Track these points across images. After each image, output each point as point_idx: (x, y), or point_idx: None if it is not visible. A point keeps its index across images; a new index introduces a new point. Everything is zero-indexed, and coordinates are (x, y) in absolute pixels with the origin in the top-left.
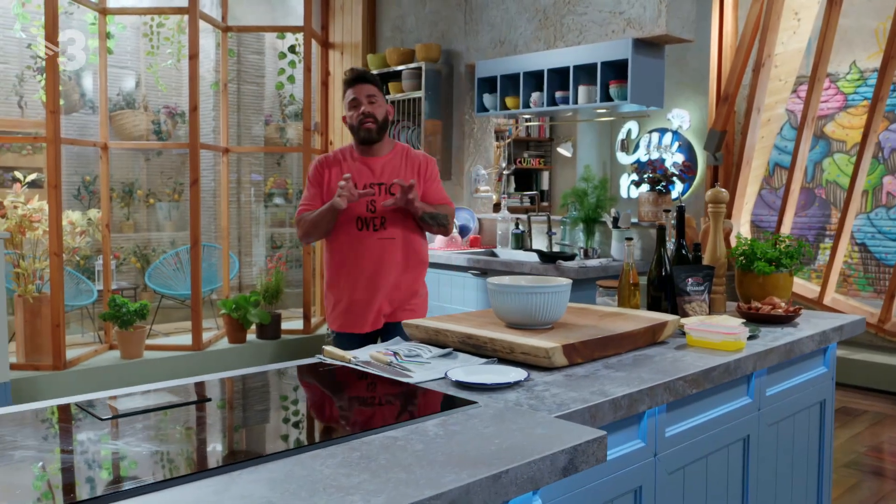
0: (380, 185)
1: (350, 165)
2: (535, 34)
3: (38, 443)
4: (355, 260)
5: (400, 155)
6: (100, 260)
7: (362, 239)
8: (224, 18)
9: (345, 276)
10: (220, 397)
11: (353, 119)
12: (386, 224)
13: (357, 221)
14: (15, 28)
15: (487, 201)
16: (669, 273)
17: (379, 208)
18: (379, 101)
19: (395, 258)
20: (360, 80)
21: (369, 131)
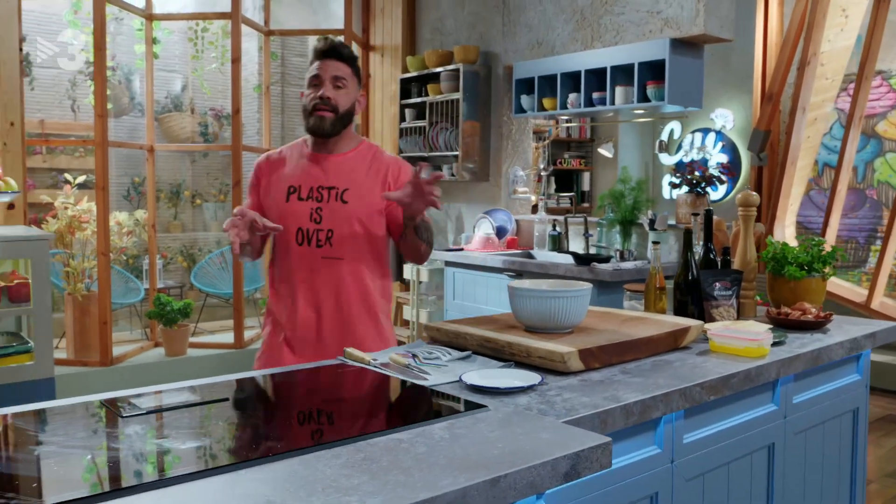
0: (329, 190)
1: (297, 164)
2: (573, 35)
3: (50, 437)
4: (291, 284)
5: (364, 155)
6: (147, 259)
7: (302, 257)
8: (266, 22)
9: (280, 304)
10: (236, 397)
11: (308, 101)
12: (333, 239)
13: (298, 234)
14: (67, 35)
15: (525, 202)
16: (696, 277)
17: (325, 218)
18: (348, 87)
19: (343, 286)
20: (332, 55)
21: (321, 120)
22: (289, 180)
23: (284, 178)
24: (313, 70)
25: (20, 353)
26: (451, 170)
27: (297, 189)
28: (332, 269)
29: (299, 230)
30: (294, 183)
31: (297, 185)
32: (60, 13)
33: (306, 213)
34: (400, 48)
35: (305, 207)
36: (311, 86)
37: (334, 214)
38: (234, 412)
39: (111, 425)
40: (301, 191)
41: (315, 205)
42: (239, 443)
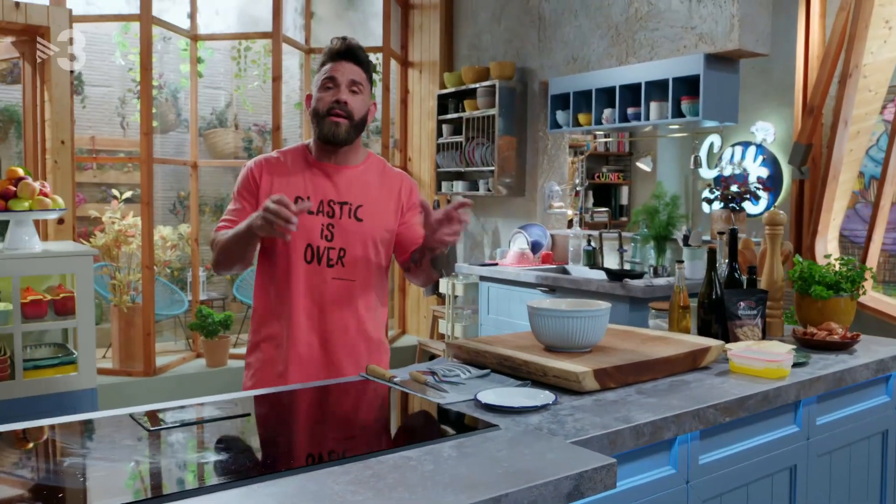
0: (342, 206)
1: (303, 173)
2: (608, 51)
3: (72, 449)
4: (293, 304)
5: (375, 169)
6: (191, 271)
7: (310, 276)
8: (307, 41)
9: (277, 326)
10: (257, 413)
11: (322, 104)
12: (345, 259)
13: (307, 251)
14: (115, 55)
15: (561, 217)
16: (720, 296)
17: (337, 236)
18: (364, 93)
19: (352, 310)
20: (348, 57)
21: (336, 126)
22: (295, 189)
23: (290, 186)
24: (327, 72)
25: (65, 363)
26: (486, 185)
27: (305, 201)
28: (343, 291)
29: (308, 246)
30: (302, 193)
31: (306, 197)
32: (111, 34)
33: (317, 228)
34: (437, 64)
35: (316, 222)
36: (324, 89)
37: (347, 232)
38: (253, 428)
39: (135, 439)
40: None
41: (326, 220)
42: (254, 458)
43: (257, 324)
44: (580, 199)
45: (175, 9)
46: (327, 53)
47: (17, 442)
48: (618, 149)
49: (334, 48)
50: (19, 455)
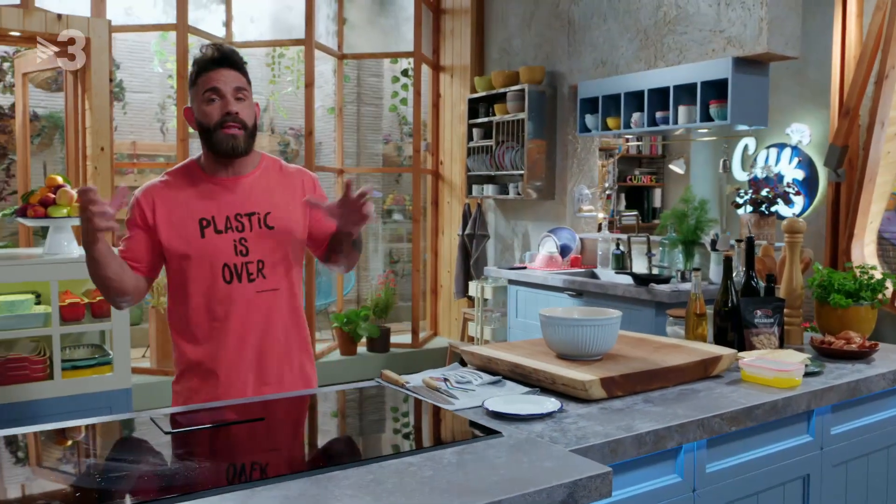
0: (250, 217)
1: (199, 192)
2: (636, 54)
3: (96, 449)
4: (220, 324)
5: (273, 171)
6: None
7: (232, 296)
8: (340, 47)
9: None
10: (273, 417)
11: (210, 118)
12: (264, 270)
13: (224, 271)
14: (154, 63)
15: (591, 221)
16: (736, 304)
17: (252, 249)
18: (248, 98)
19: (277, 320)
20: (225, 64)
21: (234, 139)
22: (196, 212)
23: (188, 210)
24: (208, 83)
25: (102, 364)
26: (516, 188)
27: (210, 221)
28: (269, 302)
29: (225, 266)
30: (205, 214)
31: (210, 217)
32: (151, 42)
33: (229, 246)
34: (468, 68)
35: (227, 240)
36: (208, 101)
37: (262, 243)
38: (266, 432)
39: (152, 441)
40: (216, 222)
41: (237, 235)
42: (262, 461)
43: (179, 354)
44: (612, 202)
45: (211, 17)
46: (201, 63)
47: (42, 442)
48: (650, 151)
49: (208, 56)
50: (39, 455)
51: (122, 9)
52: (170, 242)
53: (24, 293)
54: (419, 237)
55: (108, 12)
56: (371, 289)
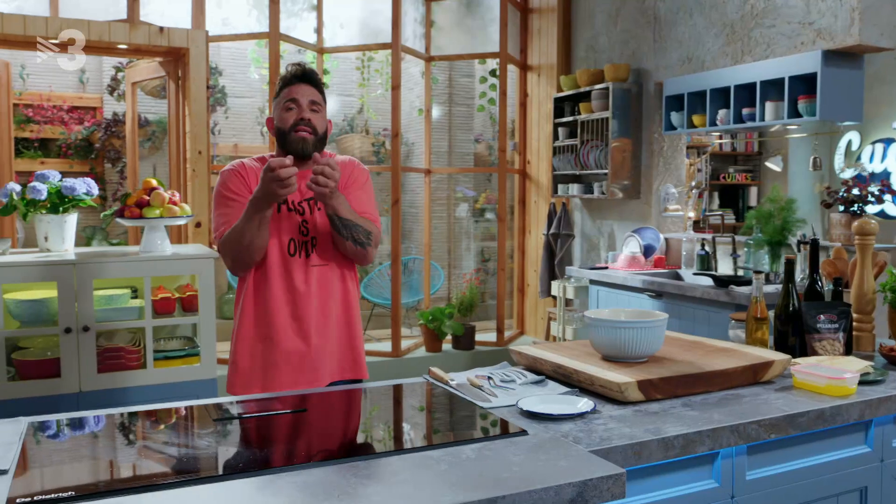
0: (310, 201)
1: None
2: (723, 49)
3: (148, 432)
4: (285, 297)
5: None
6: None
7: (294, 268)
8: (427, 49)
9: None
10: (314, 409)
11: (286, 123)
12: (317, 246)
13: (290, 244)
14: (250, 70)
15: (677, 220)
16: (797, 308)
17: (311, 229)
18: (322, 112)
19: (327, 292)
20: (305, 80)
21: (303, 141)
22: None
23: None
24: (287, 95)
25: (191, 355)
26: (601, 188)
27: (284, 200)
28: (321, 276)
29: (291, 241)
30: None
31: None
32: (248, 49)
33: (295, 224)
34: (555, 67)
35: (294, 218)
36: (286, 109)
37: (318, 225)
38: (306, 422)
39: (200, 426)
40: (288, 202)
41: (299, 217)
42: (293, 449)
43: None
44: (703, 200)
45: (302, 25)
46: (285, 79)
47: (106, 423)
48: (745, 148)
49: (292, 72)
50: (102, 435)
51: (220, 19)
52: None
53: (122, 288)
54: (504, 236)
55: (207, 23)
56: (461, 287)
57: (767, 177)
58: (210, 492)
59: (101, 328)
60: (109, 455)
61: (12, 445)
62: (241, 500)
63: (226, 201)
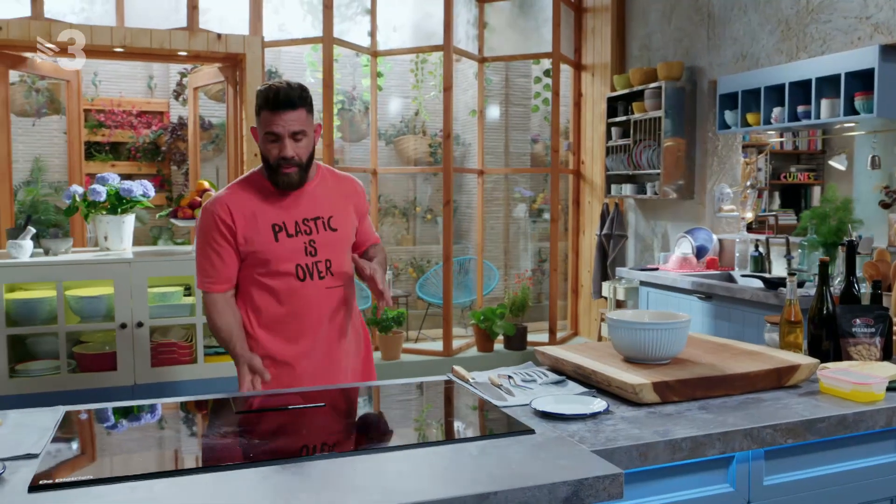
0: (315, 220)
1: (269, 200)
2: (777, 46)
3: (173, 422)
4: (299, 326)
5: (329, 178)
6: None
7: (305, 293)
8: (480, 50)
9: (284, 345)
10: (333, 404)
11: (270, 156)
12: (332, 268)
13: (297, 270)
14: (307, 74)
15: (732, 221)
16: (832, 312)
17: (320, 249)
18: (307, 135)
19: (342, 313)
20: (286, 107)
21: (288, 177)
22: (268, 218)
23: (261, 216)
24: (268, 125)
25: None
26: (654, 188)
27: (282, 226)
28: (336, 297)
29: (298, 266)
30: (276, 220)
31: (282, 222)
32: (304, 53)
33: (300, 248)
34: (609, 67)
35: (298, 243)
36: (269, 140)
37: (327, 244)
38: (322, 416)
39: (221, 418)
40: (287, 227)
41: (306, 238)
42: (303, 441)
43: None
44: (763, 201)
45: (356, 29)
46: (263, 102)
47: (136, 415)
48: (808, 147)
49: (269, 98)
50: (127, 425)
51: (276, 25)
52: (249, 247)
53: (175, 286)
54: (557, 237)
55: (264, 28)
56: (514, 287)
57: (832, 176)
58: (213, 480)
59: (155, 324)
60: (130, 444)
61: (47, 432)
62: (240, 488)
63: (209, 253)
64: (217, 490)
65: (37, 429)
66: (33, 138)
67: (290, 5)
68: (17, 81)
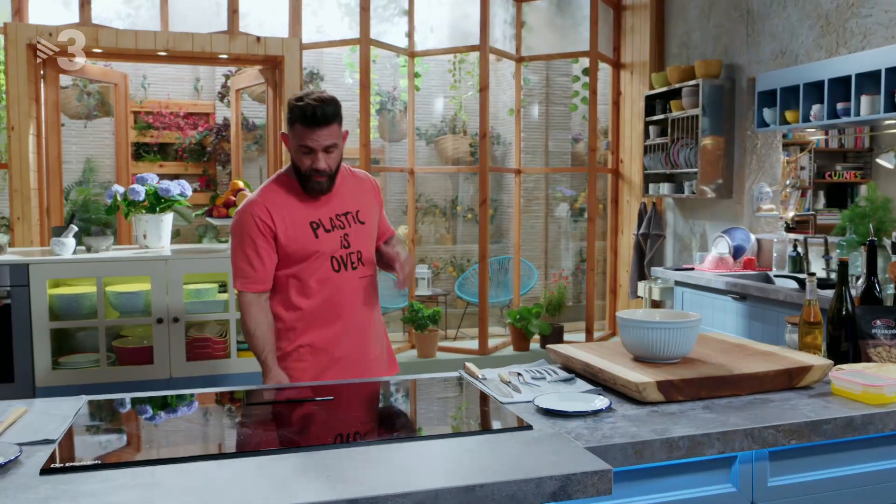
0: (346, 215)
1: (303, 200)
2: (817, 42)
3: (184, 411)
4: (336, 308)
5: (349, 177)
6: (418, 268)
7: (342, 282)
8: (518, 50)
9: (322, 332)
10: (342, 398)
11: (302, 164)
12: (363, 258)
13: (332, 261)
14: (345, 75)
15: (772, 220)
16: (850, 313)
17: (352, 242)
18: (338, 146)
19: (372, 299)
20: (322, 124)
21: (319, 184)
22: (306, 217)
23: (299, 216)
24: (302, 139)
25: None
26: (691, 187)
27: (319, 223)
28: (366, 286)
29: (333, 258)
30: (313, 218)
31: (318, 220)
32: (342, 55)
33: (337, 241)
34: (648, 65)
35: (335, 237)
36: (300, 151)
37: (359, 236)
38: (327, 410)
39: (232, 409)
40: (323, 223)
41: (341, 232)
42: (303, 433)
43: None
44: (807, 200)
45: (394, 30)
46: (298, 117)
47: (152, 406)
48: (855, 144)
49: (306, 115)
50: (142, 415)
51: (315, 27)
52: (292, 247)
53: (211, 282)
54: (594, 236)
55: (303, 31)
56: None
57: (879, 175)
58: (213, 467)
59: (190, 319)
60: (142, 433)
61: (67, 419)
62: (238, 474)
63: (248, 253)
64: (214, 476)
65: (58, 417)
66: (86, 140)
67: (329, 8)
68: (69, 85)
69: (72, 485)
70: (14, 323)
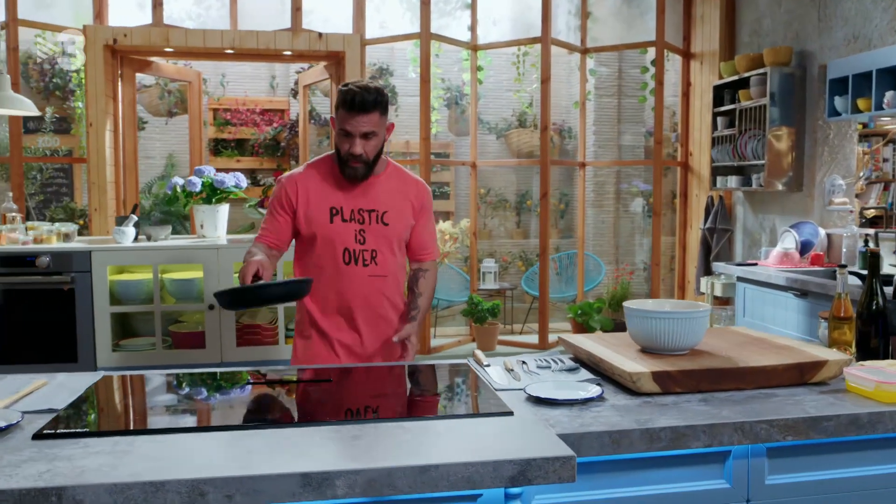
0: (370, 213)
1: (334, 184)
2: (891, 24)
3: (197, 386)
4: (338, 303)
5: (395, 177)
6: (485, 262)
7: (350, 275)
8: (583, 41)
9: (326, 315)
10: (339, 381)
11: (341, 148)
12: (377, 258)
13: (344, 253)
14: (409, 70)
15: (844, 214)
16: (882, 307)
17: (368, 239)
18: (378, 134)
19: (385, 303)
20: (361, 110)
21: (354, 170)
22: (329, 201)
23: (323, 198)
24: (343, 123)
25: None
26: (759, 180)
27: (339, 210)
28: (378, 285)
29: (345, 250)
30: (335, 204)
31: (339, 207)
32: (406, 49)
33: (351, 234)
34: (717, 54)
35: (350, 229)
36: (341, 135)
37: (377, 236)
38: (321, 391)
39: (234, 387)
40: (343, 212)
41: (358, 226)
42: (281, 412)
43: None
44: (890, 193)
45: (455, 24)
46: (341, 101)
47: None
48: None
49: (347, 100)
50: (152, 390)
51: (378, 23)
52: (307, 223)
53: None
54: (659, 231)
55: (366, 26)
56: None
57: None
58: (189, 439)
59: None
60: (140, 406)
61: (77, 392)
62: (210, 447)
63: (270, 213)
64: (186, 447)
65: (71, 389)
66: (167, 136)
67: (391, 3)
68: (152, 84)
69: (55, 449)
70: (78, 306)
